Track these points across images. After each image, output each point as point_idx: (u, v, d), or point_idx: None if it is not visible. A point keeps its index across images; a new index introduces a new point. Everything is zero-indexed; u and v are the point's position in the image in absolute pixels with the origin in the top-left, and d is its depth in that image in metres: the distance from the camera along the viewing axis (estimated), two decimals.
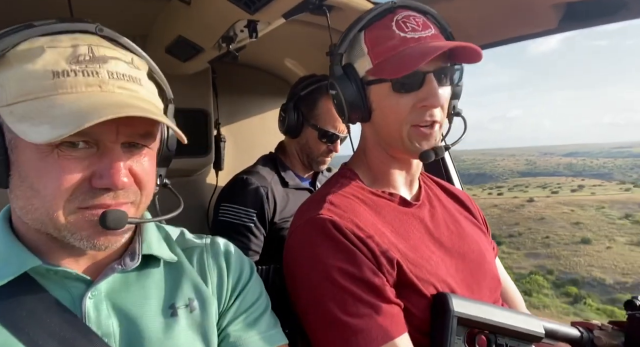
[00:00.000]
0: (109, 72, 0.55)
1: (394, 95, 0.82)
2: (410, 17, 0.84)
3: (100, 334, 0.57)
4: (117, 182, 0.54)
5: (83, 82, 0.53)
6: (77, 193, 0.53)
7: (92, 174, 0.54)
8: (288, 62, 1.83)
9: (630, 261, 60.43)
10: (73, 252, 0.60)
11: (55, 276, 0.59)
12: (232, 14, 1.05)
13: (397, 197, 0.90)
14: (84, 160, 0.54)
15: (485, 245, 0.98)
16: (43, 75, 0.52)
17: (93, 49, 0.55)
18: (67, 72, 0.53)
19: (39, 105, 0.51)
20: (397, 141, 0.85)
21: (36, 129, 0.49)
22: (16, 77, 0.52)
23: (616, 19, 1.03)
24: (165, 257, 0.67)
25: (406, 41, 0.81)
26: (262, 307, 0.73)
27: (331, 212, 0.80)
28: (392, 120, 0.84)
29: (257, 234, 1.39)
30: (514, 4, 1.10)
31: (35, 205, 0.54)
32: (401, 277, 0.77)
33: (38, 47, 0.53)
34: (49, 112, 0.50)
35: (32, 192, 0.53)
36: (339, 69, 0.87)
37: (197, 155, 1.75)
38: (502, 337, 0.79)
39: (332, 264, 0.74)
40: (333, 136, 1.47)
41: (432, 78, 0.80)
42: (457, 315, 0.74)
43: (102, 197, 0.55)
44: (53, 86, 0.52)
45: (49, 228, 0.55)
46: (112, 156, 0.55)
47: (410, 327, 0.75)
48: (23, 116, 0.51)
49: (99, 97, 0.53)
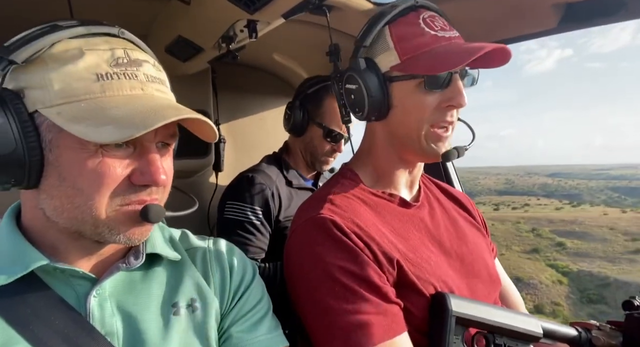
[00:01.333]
0: (145, 75, 0.58)
1: (420, 92, 0.81)
2: (435, 17, 0.84)
3: (104, 332, 0.58)
4: (158, 179, 0.57)
5: (127, 85, 0.56)
6: (119, 191, 0.56)
7: (132, 172, 0.57)
8: (277, 57, 1.82)
9: (513, 265, 65.38)
10: (86, 252, 0.61)
11: (61, 274, 0.59)
12: (231, 14, 1.05)
13: (397, 198, 0.90)
14: (124, 159, 0.56)
15: (484, 246, 0.98)
16: (87, 78, 0.54)
17: (128, 52, 0.58)
18: (110, 75, 0.55)
19: (91, 107, 0.53)
20: (414, 141, 0.84)
21: (96, 129, 0.51)
22: (59, 78, 0.53)
23: (616, 19, 1.03)
24: (169, 256, 0.67)
25: (438, 39, 0.81)
26: (263, 310, 0.73)
27: (332, 212, 0.80)
28: (413, 118, 0.83)
29: (263, 231, 1.38)
30: (514, 4, 1.10)
31: (77, 203, 0.55)
32: (401, 277, 0.77)
33: (76, 49, 0.54)
34: (106, 114, 0.52)
35: (74, 191, 0.54)
36: (362, 62, 0.85)
37: (197, 156, 1.75)
38: (501, 337, 0.79)
39: (332, 262, 0.74)
40: (338, 135, 1.47)
41: (458, 78, 0.81)
42: (455, 315, 0.74)
43: (140, 194, 0.58)
44: (100, 88, 0.54)
45: (85, 226, 0.56)
46: (151, 155, 0.58)
47: (409, 327, 0.75)
48: (76, 117, 0.52)
49: (148, 100, 0.56)
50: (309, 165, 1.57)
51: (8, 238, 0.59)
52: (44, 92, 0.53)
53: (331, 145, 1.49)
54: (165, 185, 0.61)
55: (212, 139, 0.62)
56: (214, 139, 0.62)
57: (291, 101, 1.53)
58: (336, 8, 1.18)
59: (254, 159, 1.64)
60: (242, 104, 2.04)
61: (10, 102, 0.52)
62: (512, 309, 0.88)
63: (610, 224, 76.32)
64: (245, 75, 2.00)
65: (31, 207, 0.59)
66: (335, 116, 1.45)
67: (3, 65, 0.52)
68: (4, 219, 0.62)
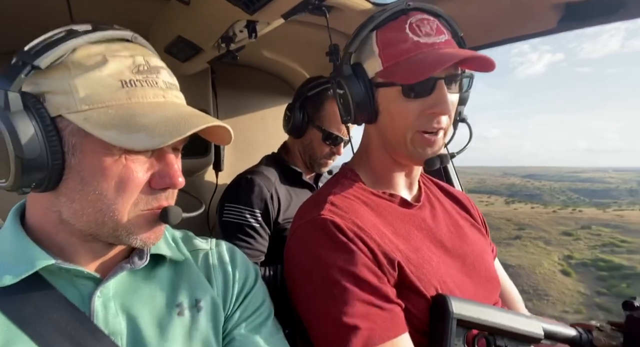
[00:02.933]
0: (164, 82, 0.59)
1: (402, 99, 0.81)
2: (425, 21, 0.82)
3: (108, 332, 0.58)
4: (176, 182, 0.59)
5: (150, 92, 0.57)
6: (142, 196, 0.58)
7: (152, 176, 0.58)
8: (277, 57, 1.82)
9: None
10: (89, 253, 0.61)
11: (66, 274, 0.59)
12: (231, 14, 1.05)
13: (398, 198, 0.90)
14: (145, 163, 0.58)
15: (485, 246, 0.98)
16: (113, 84, 0.54)
17: (147, 60, 0.59)
18: (133, 82, 0.56)
19: (120, 113, 0.54)
20: (401, 146, 0.84)
21: (130, 136, 0.52)
22: (84, 84, 0.53)
23: (615, 19, 1.03)
24: (173, 257, 0.68)
25: (419, 46, 0.80)
26: (265, 313, 0.73)
27: (332, 213, 0.80)
28: (398, 124, 0.83)
29: (263, 234, 1.38)
30: (514, 4, 1.10)
31: (99, 207, 0.56)
32: (402, 278, 0.77)
33: (99, 55, 0.55)
34: (136, 121, 0.53)
35: (97, 195, 0.55)
36: (348, 69, 0.86)
37: (197, 156, 1.75)
38: (502, 338, 0.79)
39: (333, 264, 0.74)
40: (337, 138, 1.47)
41: (443, 85, 0.79)
42: (456, 317, 0.74)
43: (160, 198, 0.60)
44: (126, 95, 0.55)
45: (104, 229, 0.57)
46: (169, 159, 0.60)
47: (410, 328, 0.75)
48: (105, 124, 0.53)
49: (172, 107, 0.58)
50: (308, 167, 1.57)
51: (13, 238, 0.59)
52: (68, 98, 0.53)
53: (330, 148, 1.49)
54: (182, 187, 0.63)
55: (226, 142, 0.63)
56: (228, 142, 0.64)
57: (291, 103, 1.53)
58: (336, 8, 1.18)
59: (254, 158, 1.64)
60: (241, 104, 2.04)
61: (33, 106, 0.52)
62: (513, 311, 0.88)
63: (510, 216, 76.88)
64: (245, 75, 2.00)
65: (43, 209, 0.59)
66: (334, 119, 1.45)
67: (27, 71, 0.52)
68: (8, 219, 0.62)
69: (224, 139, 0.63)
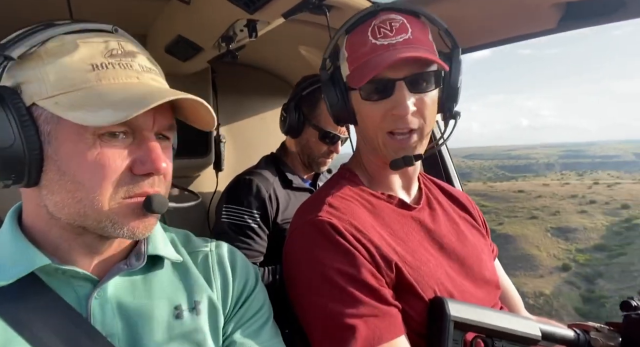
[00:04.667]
0: (140, 65, 0.59)
1: (367, 103, 0.83)
2: (387, 22, 0.82)
3: (105, 334, 0.58)
4: (159, 166, 0.57)
5: (122, 73, 0.56)
6: (121, 182, 0.56)
7: (132, 163, 0.56)
8: (277, 56, 1.83)
9: None
10: (84, 249, 0.60)
11: (62, 275, 0.59)
12: (231, 14, 1.05)
13: (396, 200, 0.90)
14: (124, 149, 0.56)
15: (484, 248, 0.97)
16: (83, 68, 0.54)
17: (122, 44, 0.59)
18: (105, 65, 0.55)
19: (87, 94, 0.53)
20: (377, 148, 0.86)
21: (95, 114, 0.51)
22: (54, 70, 0.53)
23: (615, 19, 1.03)
24: (171, 257, 0.67)
25: (375, 49, 0.81)
26: (265, 316, 0.73)
27: (330, 214, 0.79)
28: (369, 127, 0.85)
29: (261, 235, 1.38)
30: (514, 4, 1.10)
31: (78, 197, 0.54)
32: (400, 279, 0.77)
33: (70, 43, 0.55)
34: (104, 99, 0.53)
35: (75, 185, 0.54)
36: (325, 74, 0.89)
37: (197, 156, 1.75)
38: (499, 340, 0.79)
39: (330, 265, 0.74)
40: (334, 137, 1.46)
41: (403, 86, 0.79)
42: (453, 319, 0.74)
43: (143, 185, 0.57)
44: (96, 77, 0.54)
45: (88, 220, 0.56)
46: (150, 144, 0.58)
47: (408, 330, 0.75)
48: (72, 105, 0.52)
49: (144, 86, 0.57)
50: (306, 166, 1.56)
51: (10, 239, 0.59)
52: (40, 85, 0.53)
53: (328, 146, 1.49)
54: (166, 173, 0.61)
55: (210, 125, 0.62)
56: (212, 125, 0.62)
57: (286, 103, 1.52)
58: (336, 7, 1.17)
59: (254, 158, 1.64)
60: (242, 103, 2.04)
61: (8, 97, 0.52)
62: (510, 312, 0.88)
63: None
64: (245, 75, 2.00)
65: (33, 206, 0.59)
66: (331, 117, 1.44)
67: (0, 61, 0.52)
68: (6, 220, 0.62)
69: (208, 120, 0.62)
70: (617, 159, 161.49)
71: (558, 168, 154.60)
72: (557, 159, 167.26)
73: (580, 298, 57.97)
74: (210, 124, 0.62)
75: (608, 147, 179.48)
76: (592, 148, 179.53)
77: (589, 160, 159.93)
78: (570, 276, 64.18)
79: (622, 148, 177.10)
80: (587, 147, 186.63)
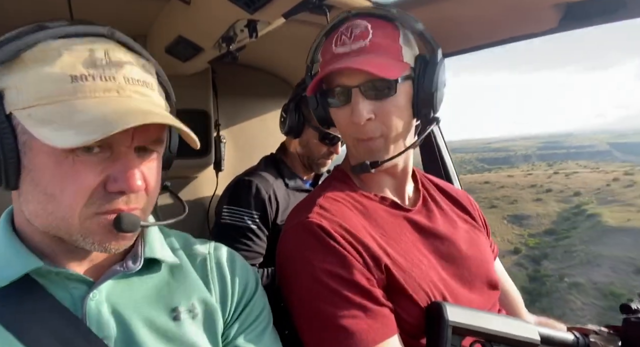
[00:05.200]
0: (125, 78, 0.55)
1: (332, 109, 0.87)
2: (350, 28, 0.82)
3: (101, 336, 0.57)
4: (132, 185, 0.54)
5: (102, 87, 0.53)
6: (94, 198, 0.54)
7: (106, 179, 0.54)
8: (277, 56, 1.84)
9: None
10: (77, 254, 0.60)
11: (57, 277, 0.58)
12: (231, 14, 1.04)
13: (389, 201, 0.90)
14: (98, 164, 0.54)
15: (484, 248, 0.97)
16: (61, 79, 0.52)
17: (109, 54, 0.55)
18: (85, 77, 0.52)
19: (60, 109, 0.51)
20: (351, 151, 0.88)
21: (60, 133, 0.49)
22: (33, 79, 0.51)
23: (616, 19, 1.03)
24: (168, 260, 0.66)
25: (335, 57, 0.83)
26: (266, 320, 0.73)
27: (320, 216, 0.79)
28: (341, 132, 0.89)
29: (261, 236, 1.38)
30: (514, 4, 1.10)
31: (49, 209, 0.53)
32: (390, 281, 0.77)
33: (54, 50, 0.53)
34: (73, 118, 0.50)
35: (46, 197, 0.53)
36: (308, 79, 0.93)
37: (197, 157, 1.75)
38: (498, 344, 0.78)
39: (321, 267, 0.74)
40: (334, 138, 1.47)
41: (357, 93, 0.80)
42: (452, 324, 0.73)
43: (116, 202, 0.55)
44: (72, 90, 0.52)
45: (60, 232, 0.55)
46: (126, 160, 0.55)
47: (400, 331, 0.75)
48: (43, 120, 0.50)
49: (119, 103, 0.53)
50: (307, 167, 1.56)
51: (3, 241, 0.59)
52: (18, 94, 0.52)
53: (327, 147, 1.49)
54: (144, 190, 0.58)
55: (194, 144, 0.59)
56: (196, 145, 0.59)
57: (286, 104, 1.52)
58: (336, 8, 1.17)
59: (254, 159, 1.64)
60: (242, 104, 2.04)
61: None
62: (509, 316, 0.88)
63: None
64: (246, 75, 2.00)
65: (18, 210, 0.59)
66: None
67: None
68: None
69: (189, 141, 0.58)
70: (590, 149, 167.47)
71: (535, 159, 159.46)
72: (535, 150, 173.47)
73: (527, 277, 64.17)
74: (194, 144, 0.59)
75: (583, 138, 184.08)
76: (569, 139, 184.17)
77: (564, 151, 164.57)
78: (520, 258, 70.28)
79: (597, 138, 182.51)
80: (564, 138, 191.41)
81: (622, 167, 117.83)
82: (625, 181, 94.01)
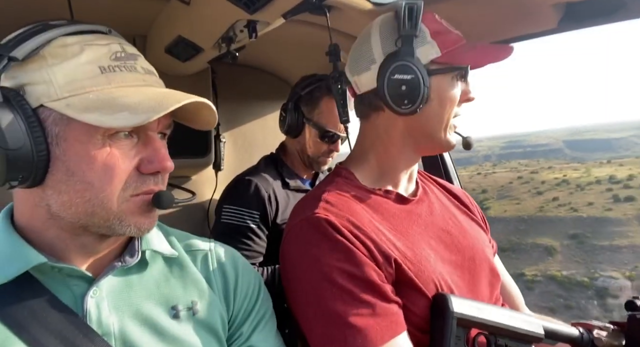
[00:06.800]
0: (142, 68, 0.61)
1: (454, 85, 0.86)
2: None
3: (101, 332, 0.57)
4: (166, 165, 0.60)
5: (130, 77, 0.58)
6: (130, 181, 0.58)
7: (139, 162, 0.59)
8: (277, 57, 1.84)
9: None
10: (80, 249, 0.61)
11: (58, 274, 0.59)
12: (231, 14, 1.04)
13: (394, 194, 0.90)
14: (131, 149, 0.58)
15: (484, 241, 0.97)
16: (92, 71, 0.55)
17: (124, 47, 0.60)
18: (112, 68, 0.57)
19: (100, 97, 0.55)
20: (437, 133, 0.87)
21: (112, 117, 0.53)
22: (62, 72, 0.54)
23: (616, 19, 1.03)
24: (165, 252, 0.67)
25: (460, 36, 0.87)
26: (273, 318, 0.74)
27: (327, 211, 0.79)
28: (446, 110, 0.85)
29: (261, 236, 1.38)
30: (514, 4, 1.10)
31: (87, 197, 0.56)
32: (400, 275, 0.77)
33: (74, 45, 0.56)
34: (118, 102, 0.54)
35: (84, 185, 0.56)
36: (417, 52, 0.80)
37: (197, 156, 1.75)
38: (502, 338, 0.79)
39: (329, 263, 0.74)
40: (334, 136, 1.47)
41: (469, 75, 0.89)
42: (457, 316, 0.74)
43: (148, 183, 0.60)
44: (106, 80, 0.56)
45: (95, 218, 0.57)
46: (156, 143, 0.60)
47: (409, 326, 0.75)
48: (87, 107, 0.53)
49: (150, 90, 0.59)
50: (307, 166, 1.56)
51: (4, 238, 0.59)
52: (48, 87, 0.54)
53: (327, 145, 1.49)
54: (171, 170, 0.63)
55: (210, 124, 0.64)
56: (212, 125, 0.64)
57: (285, 103, 1.52)
58: (336, 8, 1.17)
59: (254, 158, 1.64)
60: (242, 104, 2.04)
61: (14, 99, 0.52)
62: (514, 310, 0.88)
63: None
64: (246, 75, 2.00)
65: (31, 206, 0.59)
66: (331, 116, 1.44)
67: (4, 63, 0.52)
68: None
69: (209, 120, 0.64)
70: (545, 147, 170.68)
71: (494, 159, 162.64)
72: (498, 150, 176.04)
73: None
74: (211, 124, 0.64)
75: (540, 136, 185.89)
76: (529, 138, 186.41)
77: (521, 150, 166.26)
78: None
79: (552, 137, 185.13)
80: (524, 137, 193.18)
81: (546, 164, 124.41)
82: (527, 179, 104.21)
